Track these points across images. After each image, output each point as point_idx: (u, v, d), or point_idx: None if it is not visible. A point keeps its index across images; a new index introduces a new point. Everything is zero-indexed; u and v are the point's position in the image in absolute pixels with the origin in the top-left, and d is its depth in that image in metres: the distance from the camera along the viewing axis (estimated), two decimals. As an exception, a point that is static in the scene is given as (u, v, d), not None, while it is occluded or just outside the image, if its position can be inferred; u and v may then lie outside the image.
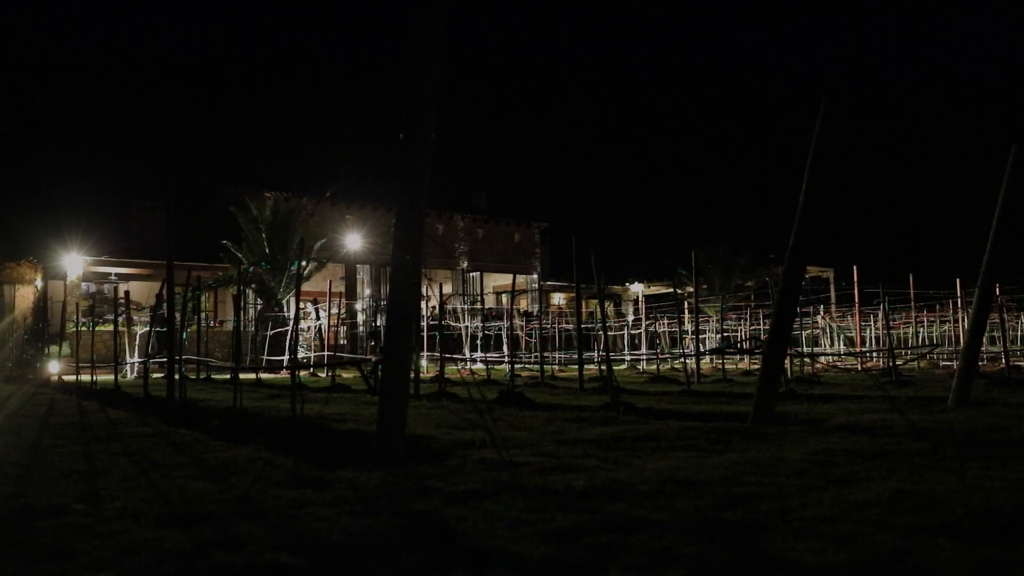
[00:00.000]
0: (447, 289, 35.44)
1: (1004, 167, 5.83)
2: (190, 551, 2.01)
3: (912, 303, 15.78)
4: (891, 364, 9.98)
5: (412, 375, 8.50)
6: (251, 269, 23.34)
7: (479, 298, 32.01)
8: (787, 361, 11.37)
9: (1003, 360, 9.40)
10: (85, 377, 12.11)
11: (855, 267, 14.51)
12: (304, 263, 25.34)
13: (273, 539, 2.14)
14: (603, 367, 8.96)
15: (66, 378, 14.23)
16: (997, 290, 15.87)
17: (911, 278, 15.03)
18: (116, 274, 28.05)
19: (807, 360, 11.92)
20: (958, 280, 15.18)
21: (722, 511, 2.40)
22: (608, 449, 3.85)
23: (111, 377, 11.48)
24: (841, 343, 20.27)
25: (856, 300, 14.56)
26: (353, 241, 28.99)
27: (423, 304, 16.81)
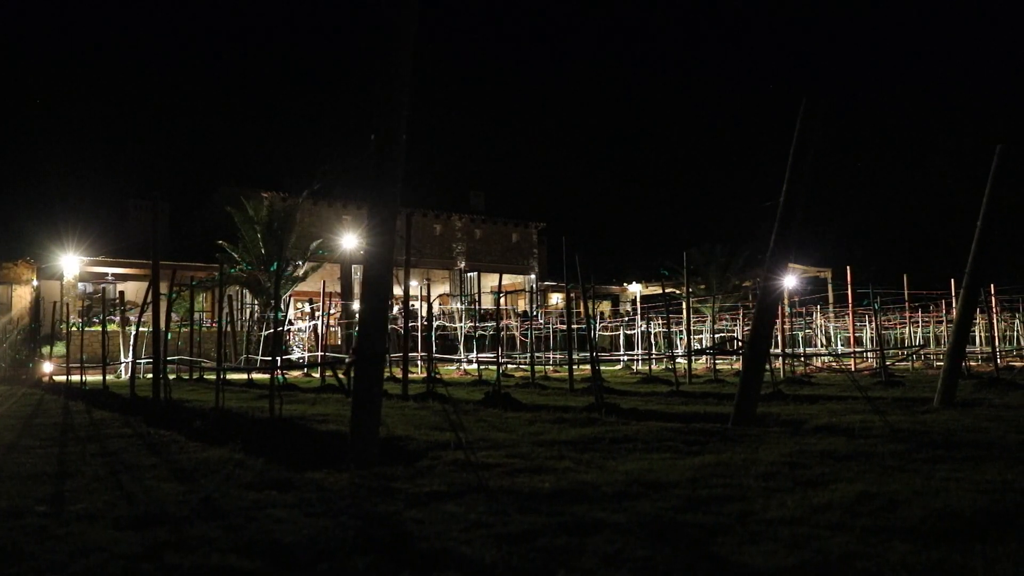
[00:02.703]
0: (444, 288, 35.45)
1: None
2: (140, 553, 2.00)
3: (907, 303, 15.78)
4: (882, 365, 9.97)
5: (400, 375, 8.49)
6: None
7: (476, 298, 32.01)
8: (779, 362, 11.38)
9: (991, 361, 9.38)
10: (80, 377, 12.10)
11: (848, 268, 14.50)
12: (300, 263, 25.35)
13: (227, 541, 2.13)
14: (596, 367, 8.91)
15: (58, 378, 14.24)
16: (993, 291, 15.90)
17: (905, 279, 15.03)
18: (113, 274, 28.08)
19: (798, 361, 11.91)
20: (952, 280, 15.19)
21: (683, 513, 2.39)
22: (583, 450, 3.84)
23: (108, 377, 11.50)
24: (839, 343, 20.28)
25: (850, 301, 14.55)
26: (349, 241, 28.99)
27: (419, 304, 16.80)
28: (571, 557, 1.95)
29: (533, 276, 37.89)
